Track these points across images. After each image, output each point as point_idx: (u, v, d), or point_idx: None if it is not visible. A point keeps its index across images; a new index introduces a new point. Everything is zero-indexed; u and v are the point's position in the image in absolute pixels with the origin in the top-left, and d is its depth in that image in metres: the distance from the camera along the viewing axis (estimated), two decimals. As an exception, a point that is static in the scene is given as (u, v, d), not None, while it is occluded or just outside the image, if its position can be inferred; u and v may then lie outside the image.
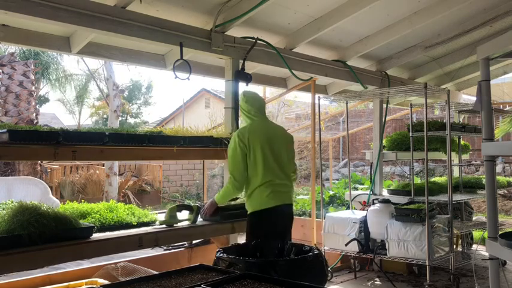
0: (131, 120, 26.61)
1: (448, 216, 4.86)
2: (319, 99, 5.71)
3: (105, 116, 22.87)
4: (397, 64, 6.10)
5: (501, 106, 10.25)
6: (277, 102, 17.29)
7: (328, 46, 5.31)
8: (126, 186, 12.94)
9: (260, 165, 3.43)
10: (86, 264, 4.55)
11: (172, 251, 4.96)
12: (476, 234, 6.45)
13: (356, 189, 8.36)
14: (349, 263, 5.49)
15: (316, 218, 5.66)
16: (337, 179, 13.04)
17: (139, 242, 3.24)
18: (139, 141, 3.46)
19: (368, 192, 5.98)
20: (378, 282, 5.12)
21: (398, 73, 6.52)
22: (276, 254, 3.14)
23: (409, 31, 5.01)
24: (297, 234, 6.04)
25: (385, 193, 5.89)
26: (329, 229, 5.20)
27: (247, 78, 4.33)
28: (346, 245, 4.97)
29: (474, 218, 6.40)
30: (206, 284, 2.19)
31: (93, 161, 11.72)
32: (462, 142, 6.67)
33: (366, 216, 5.04)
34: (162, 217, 3.60)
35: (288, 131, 3.89)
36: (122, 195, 12.52)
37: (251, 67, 4.73)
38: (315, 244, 5.03)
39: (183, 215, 3.62)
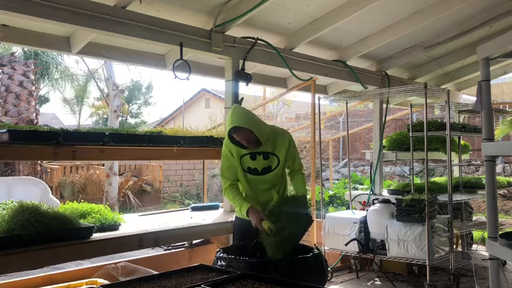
0: (131, 120, 26.61)
1: (448, 216, 4.85)
2: (319, 99, 5.70)
3: (105, 116, 22.87)
4: (397, 64, 6.10)
5: (501, 106, 10.25)
6: (277, 102, 17.28)
7: (328, 46, 5.31)
8: (126, 186, 12.94)
9: None
10: (86, 264, 4.55)
11: (173, 251, 4.96)
12: (476, 234, 6.45)
13: (356, 189, 8.35)
14: (349, 263, 5.49)
15: (316, 218, 5.65)
16: (337, 179, 13.04)
17: (139, 242, 3.25)
18: (139, 141, 3.47)
19: (368, 192, 5.98)
20: (377, 282, 5.12)
21: (398, 73, 6.52)
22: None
23: (409, 31, 5.01)
24: (297, 234, 6.03)
25: (385, 193, 5.88)
26: (329, 229, 5.19)
27: (247, 78, 4.33)
28: (346, 245, 4.97)
29: (474, 218, 6.40)
30: (206, 284, 2.19)
31: (93, 161, 11.72)
32: (462, 142, 6.67)
33: (365, 216, 5.04)
34: None
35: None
36: (122, 195, 12.52)
37: (251, 67, 4.73)
38: (314, 244, 5.03)
39: None
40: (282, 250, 2.85)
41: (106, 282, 3.54)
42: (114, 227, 3.34)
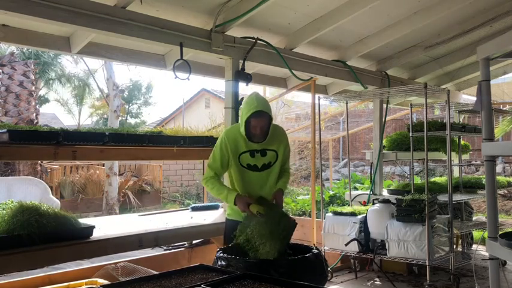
0: (131, 120, 26.60)
1: (448, 216, 4.85)
2: (319, 99, 5.70)
3: (105, 116, 22.87)
4: (397, 64, 6.10)
5: (501, 106, 10.24)
6: (276, 102, 17.27)
7: (328, 46, 5.31)
8: (126, 186, 12.94)
9: None
10: (86, 264, 4.55)
11: (172, 251, 4.96)
12: (476, 234, 6.45)
13: (356, 189, 8.36)
14: (349, 263, 5.49)
15: (316, 218, 5.65)
16: (337, 179, 13.05)
17: (139, 242, 3.25)
18: (139, 141, 3.48)
19: (368, 192, 5.98)
20: (377, 282, 5.12)
21: (398, 73, 6.52)
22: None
23: (409, 31, 5.01)
24: (297, 234, 6.03)
25: (385, 193, 5.88)
26: (329, 229, 5.19)
27: (247, 78, 4.33)
28: (346, 245, 4.97)
29: (474, 218, 6.39)
30: (206, 284, 2.19)
31: (93, 161, 11.73)
32: (462, 142, 6.67)
33: (366, 216, 5.04)
34: None
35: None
36: (122, 195, 12.52)
37: (251, 67, 4.73)
38: (314, 244, 5.03)
39: None
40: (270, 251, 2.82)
41: (106, 282, 3.53)
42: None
